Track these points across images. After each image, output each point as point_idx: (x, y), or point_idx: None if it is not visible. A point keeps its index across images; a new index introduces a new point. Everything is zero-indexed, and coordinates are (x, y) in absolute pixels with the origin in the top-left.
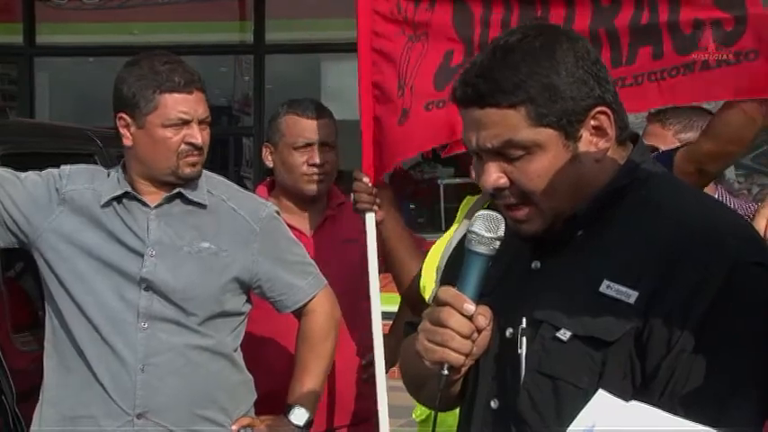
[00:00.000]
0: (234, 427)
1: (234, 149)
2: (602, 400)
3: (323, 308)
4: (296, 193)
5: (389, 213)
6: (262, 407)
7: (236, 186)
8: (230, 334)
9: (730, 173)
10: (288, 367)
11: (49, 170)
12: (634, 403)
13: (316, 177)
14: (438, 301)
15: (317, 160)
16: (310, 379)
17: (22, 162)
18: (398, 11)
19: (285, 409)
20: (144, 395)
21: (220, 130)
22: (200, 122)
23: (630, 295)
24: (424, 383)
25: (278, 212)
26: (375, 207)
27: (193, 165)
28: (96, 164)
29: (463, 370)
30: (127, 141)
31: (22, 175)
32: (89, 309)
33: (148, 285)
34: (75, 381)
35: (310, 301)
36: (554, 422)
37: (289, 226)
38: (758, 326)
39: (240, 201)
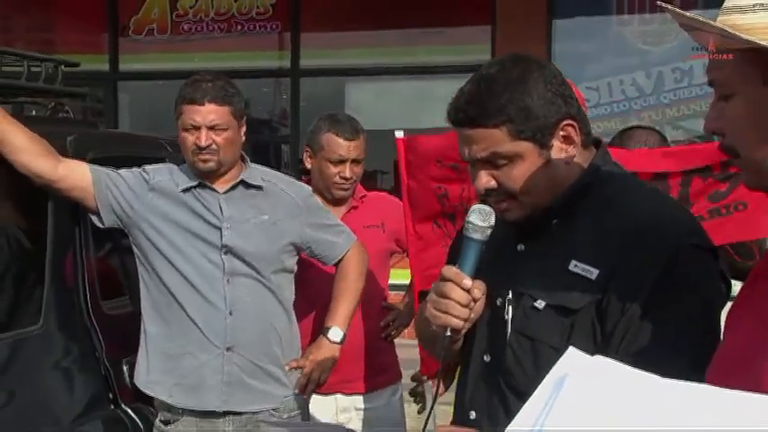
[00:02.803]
0: (287, 367)
1: (274, 154)
2: (572, 355)
3: (355, 256)
4: (326, 195)
5: None
6: None
7: (281, 174)
8: (288, 288)
9: None
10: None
11: (134, 169)
12: (598, 357)
13: (345, 187)
14: (442, 278)
15: (348, 174)
16: (344, 306)
17: (108, 164)
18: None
19: (323, 330)
20: (232, 333)
21: (263, 138)
22: (212, 128)
23: (593, 272)
24: (434, 343)
25: (312, 192)
26: None
27: (204, 161)
28: None
29: (462, 332)
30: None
31: (117, 170)
32: (186, 270)
33: (228, 250)
34: (173, 329)
35: (347, 252)
36: (532, 372)
37: None
38: (696, 296)
39: (287, 184)
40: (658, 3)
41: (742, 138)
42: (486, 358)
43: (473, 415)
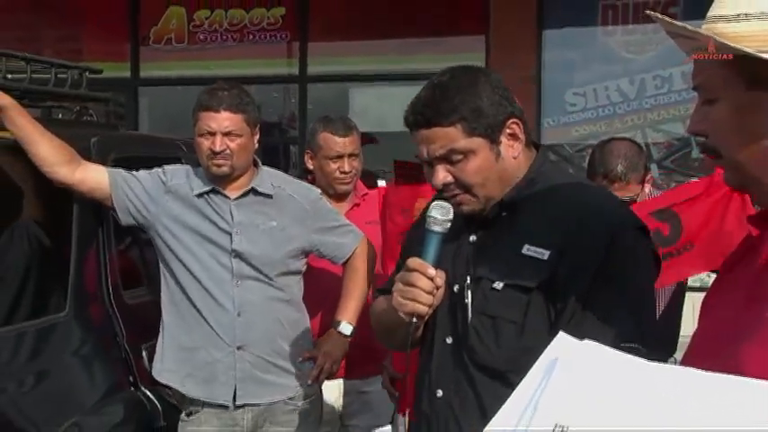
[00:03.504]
0: (300, 359)
1: (283, 155)
2: (561, 339)
3: (362, 254)
4: (329, 191)
5: None
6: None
7: (290, 177)
8: (296, 286)
9: (654, 173)
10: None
11: (155, 169)
12: (587, 342)
13: (345, 180)
14: (407, 268)
15: (346, 168)
16: (353, 301)
17: (129, 164)
18: None
19: (334, 324)
20: (241, 333)
21: (273, 140)
22: (226, 134)
23: (544, 254)
24: (395, 332)
25: (321, 193)
26: None
27: (218, 166)
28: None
29: (425, 318)
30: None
31: (136, 173)
32: (197, 272)
33: (237, 254)
34: (188, 323)
35: (355, 250)
36: (494, 346)
37: None
38: (637, 269)
39: (295, 188)
40: (647, 12)
41: (724, 140)
42: (449, 340)
43: (440, 393)
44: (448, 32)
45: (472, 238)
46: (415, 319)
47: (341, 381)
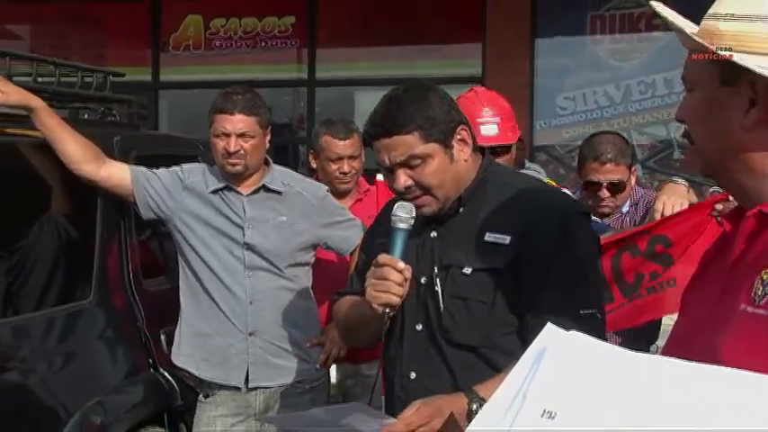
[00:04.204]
0: (308, 345)
1: (292, 154)
2: (549, 330)
3: None
4: (331, 189)
5: None
6: None
7: (299, 175)
8: (304, 276)
9: (639, 172)
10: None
11: (174, 167)
12: (574, 332)
13: (345, 180)
14: (378, 264)
15: (346, 169)
16: None
17: (149, 162)
18: None
19: None
20: (253, 320)
21: (283, 140)
22: (240, 136)
23: (506, 239)
24: (366, 326)
25: (328, 190)
26: None
27: (233, 165)
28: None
29: (396, 308)
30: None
31: (156, 171)
32: (212, 263)
33: (249, 247)
34: (204, 311)
35: (359, 244)
36: (468, 324)
37: None
38: (585, 247)
39: (303, 186)
40: (651, 2)
41: (695, 128)
42: (419, 327)
43: (413, 375)
44: (447, 40)
45: (433, 234)
46: (387, 310)
47: (344, 365)
